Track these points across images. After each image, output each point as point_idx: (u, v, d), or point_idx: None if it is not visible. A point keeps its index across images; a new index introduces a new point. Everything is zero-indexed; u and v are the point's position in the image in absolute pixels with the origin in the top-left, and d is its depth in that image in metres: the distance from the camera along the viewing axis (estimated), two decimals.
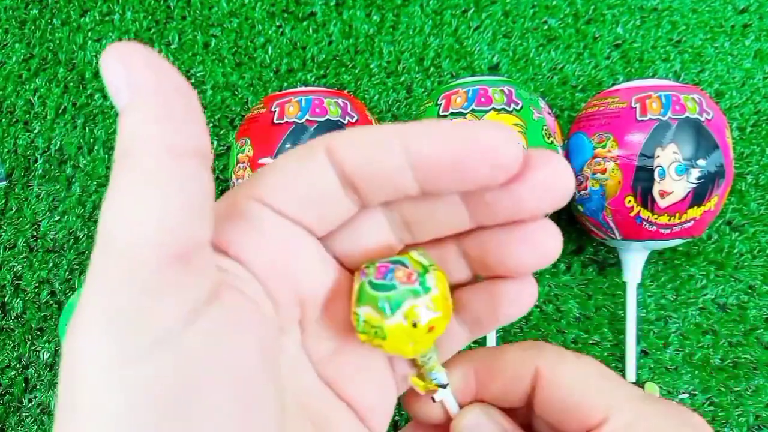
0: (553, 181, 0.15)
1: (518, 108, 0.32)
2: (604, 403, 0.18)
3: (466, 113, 0.32)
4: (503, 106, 0.32)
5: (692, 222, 0.33)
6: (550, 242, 0.17)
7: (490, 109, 0.32)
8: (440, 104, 0.33)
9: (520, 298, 0.18)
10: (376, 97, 0.42)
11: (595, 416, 0.18)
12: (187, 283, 0.13)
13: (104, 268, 0.12)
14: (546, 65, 0.43)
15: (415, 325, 0.16)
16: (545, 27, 0.43)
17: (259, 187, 0.16)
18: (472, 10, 0.43)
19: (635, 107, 0.33)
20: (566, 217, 0.39)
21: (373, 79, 0.43)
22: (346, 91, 0.42)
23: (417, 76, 0.43)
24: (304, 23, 0.44)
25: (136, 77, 0.13)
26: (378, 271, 0.17)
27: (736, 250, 0.39)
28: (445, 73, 0.43)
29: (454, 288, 0.19)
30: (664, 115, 0.32)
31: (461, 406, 0.20)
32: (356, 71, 0.43)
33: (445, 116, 0.33)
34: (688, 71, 0.42)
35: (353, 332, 0.17)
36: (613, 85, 0.38)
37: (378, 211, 0.18)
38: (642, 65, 0.42)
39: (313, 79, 0.43)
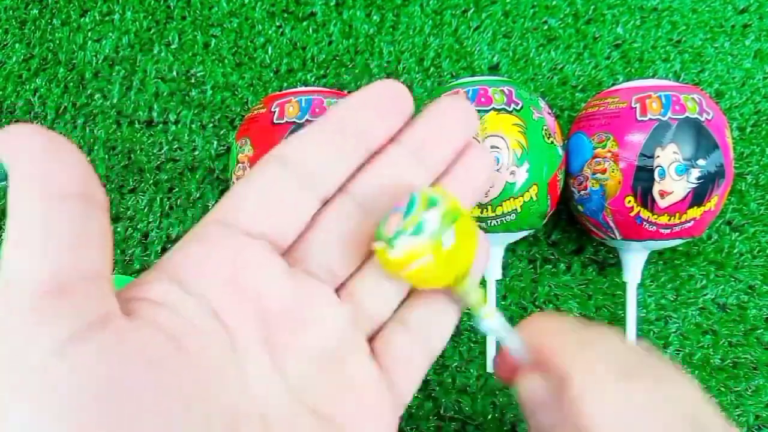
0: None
1: (518, 108, 0.32)
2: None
3: None
4: (503, 106, 0.32)
5: (692, 222, 0.33)
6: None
7: (490, 109, 0.32)
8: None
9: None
10: None
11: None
12: (65, 312, 0.14)
13: None
14: (546, 65, 0.43)
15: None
16: (545, 27, 0.43)
17: (216, 210, 0.18)
18: (472, 10, 0.43)
19: (635, 107, 0.33)
20: (566, 217, 0.40)
21: (373, 79, 0.43)
22: (346, 92, 0.42)
23: (417, 76, 0.43)
24: (304, 23, 0.44)
25: (10, 145, 0.14)
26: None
27: (736, 250, 0.39)
28: (445, 73, 0.43)
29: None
30: (664, 115, 0.32)
31: None
32: (356, 71, 0.43)
33: None
34: (688, 71, 0.42)
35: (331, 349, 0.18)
36: (613, 85, 0.38)
37: (343, 200, 0.19)
38: (642, 65, 0.42)
39: (313, 79, 0.43)
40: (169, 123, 0.42)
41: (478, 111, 0.32)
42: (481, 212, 0.32)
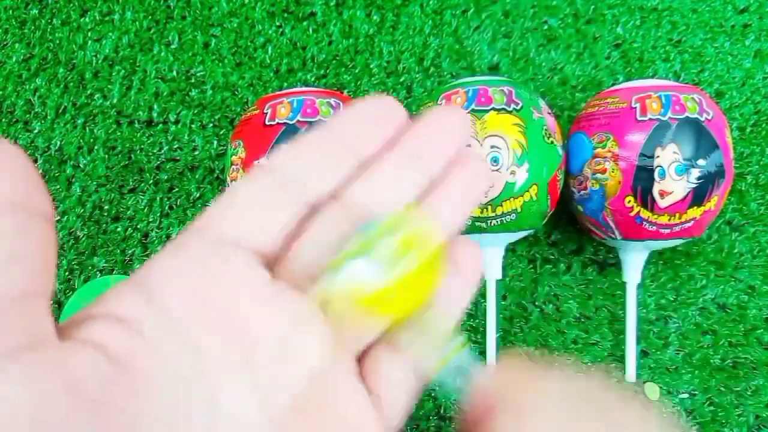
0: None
1: (518, 108, 0.32)
2: None
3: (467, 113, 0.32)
4: (503, 106, 0.32)
5: (692, 222, 0.33)
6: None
7: (490, 109, 0.32)
8: (440, 104, 0.33)
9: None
10: None
11: None
12: None
13: None
14: (546, 65, 0.43)
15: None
16: (545, 27, 0.43)
17: (199, 219, 0.17)
18: (472, 10, 0.43)
19: (635, 107, 0.33)
20: (566, 217, 0.39)
21: (373, 79, 0.43)
22: (345, 91, 0.42)
23: (417, 76, 0.43)
24: (304, 23, 0.44)
25: None
26: None
27: (736, 250, 0.39)
28: (445, 73, 0.43)
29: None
30: (664, 115, 0.32)
31: None
32: (356, 71, 0.43)
33: None
34: (688, 71, 0.42)
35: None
36: (613, 85, 0.38)
37: (332, 207, 0.18)
38: (642, 65, 0.42)
39: (313, 79, 0.43)
40: (169, 123, 0.42)
41: (478, 111, 0.32)
42: (481, 212, 0.32)
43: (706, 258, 0.39)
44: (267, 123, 0.32)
